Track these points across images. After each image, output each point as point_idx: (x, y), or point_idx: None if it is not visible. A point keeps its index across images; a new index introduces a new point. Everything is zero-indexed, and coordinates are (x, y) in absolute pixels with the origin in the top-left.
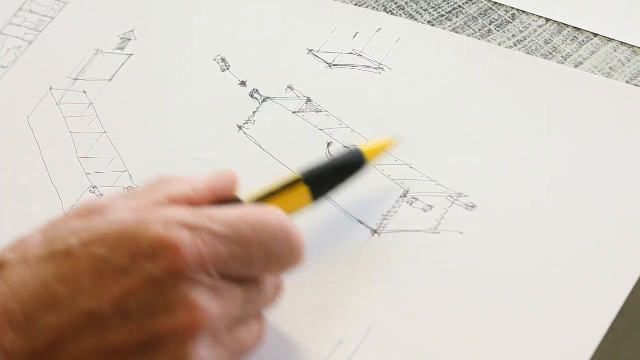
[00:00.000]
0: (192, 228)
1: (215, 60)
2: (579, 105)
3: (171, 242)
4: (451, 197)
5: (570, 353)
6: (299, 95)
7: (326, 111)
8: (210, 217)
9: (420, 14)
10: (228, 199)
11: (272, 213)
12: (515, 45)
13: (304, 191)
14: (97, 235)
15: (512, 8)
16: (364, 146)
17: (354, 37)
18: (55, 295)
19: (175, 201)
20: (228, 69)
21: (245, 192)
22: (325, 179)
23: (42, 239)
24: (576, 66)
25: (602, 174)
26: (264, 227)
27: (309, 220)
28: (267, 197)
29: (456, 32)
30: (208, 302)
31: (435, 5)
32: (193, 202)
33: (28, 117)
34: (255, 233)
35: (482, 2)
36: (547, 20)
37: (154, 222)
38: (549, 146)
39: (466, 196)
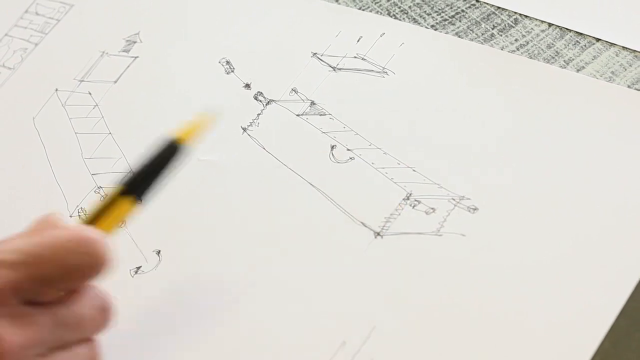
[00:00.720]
0: None
1: (219, 62)
2: (581, 109)
3: None
4: (453, 199)
5: (572, 353)
6: (303, 98)
7: (330, 114)
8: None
9: (424, 18)
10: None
11: (64, 227)
12: (518, 49)
13: (125, 201)
14: None
15: (515, 12)
16: (176, 131)
17: (358, 41)
18: None
19: None
20: (232, 71)
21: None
22: (143, 181)
23: None
24: (578, 70)
25: (604, 177)
26: (54, 241)
27: (313, 223)
28: (93, 220)
29: (459, 36)
30: (7, 330)
31: (439, 9)
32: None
33: (34, 118)
34: (44, 249)
35: (485, 7)
36: (550, 24)
37: None
38: (551, 149)
39: (468, 199)
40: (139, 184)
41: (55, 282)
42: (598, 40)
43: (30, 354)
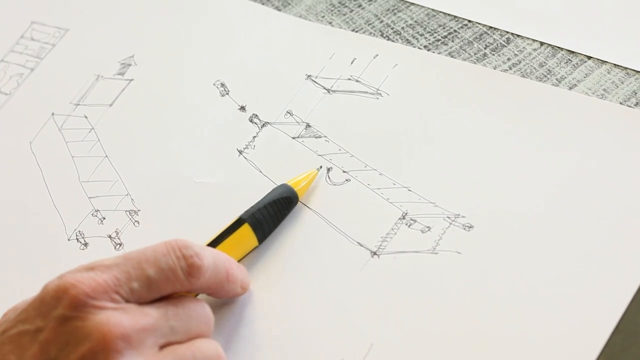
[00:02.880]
0: (87, 269)
1: (214, 85)
2: (573, 126)
3: (68, 283)
4: (449, 217)
5: None
6: (298, 120)
7: (325, 136)
8: (101, 259)
9: (417, 39)
10: None
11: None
12: (510, 68)
13: (247, 231)
14: (13, 320)
15: (507, 32)
16: (294, 182)
17: (352, 62)
18: None
19: None
20: (227, 93)
21: None
22: (265, 220)
23: None
24: (570, 88)
25: (598, 193)
26: (148, 248)
27: (310, 244)
28: (214, 242)
29: (452, 57)
30: (115, 317)
31: (431, 30)
32: None
33: (30, 143)
34: (140, 253)
35: (477, 27)
36: (542, 43)
37: (51, 281)
38: (545, 167)
39: (463, 217)
40: (259, 222)
41: (154, 282)
42: (590, 58)
43: (148, 341)
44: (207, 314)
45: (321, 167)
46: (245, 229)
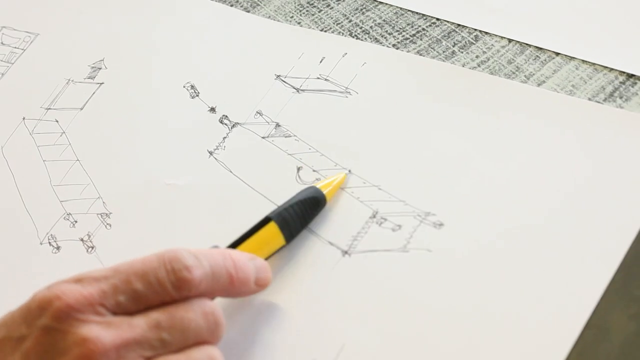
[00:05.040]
0: (75, 280)
1: (184, 87)
2: (542, 122)
3: (54, 294)
4: (419, 216)
5: None
6: (268, 120)
7: (295, 136)
8: (91, 270)
9: (385, 38)
10: None
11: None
12: (479, 65)
13: (274, 229)
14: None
15: (475, 29)
16: (322, 185)
17: (321, 62)
18: None
19: None
20: (197, 95)
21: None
22: (292, 219)
23: None
24: (539, 85)
25: (567, 190)
26: (139, 259)
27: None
28: (240, 241)
29: (420, 55)
30: (99, 332)
31: (400, 28)
32: None
33: (2, 147)
34: (130, 266)
35: (445, 25)
36: (510, 40)
37: (40, 290)
38: (514, 164)
39: (434, 215)
40: (287, 222)
41: (142, 294)
42: (558, 54)
43: (131, 355)
44: (211, 321)
45: (350, 171)
46: (272, 228)
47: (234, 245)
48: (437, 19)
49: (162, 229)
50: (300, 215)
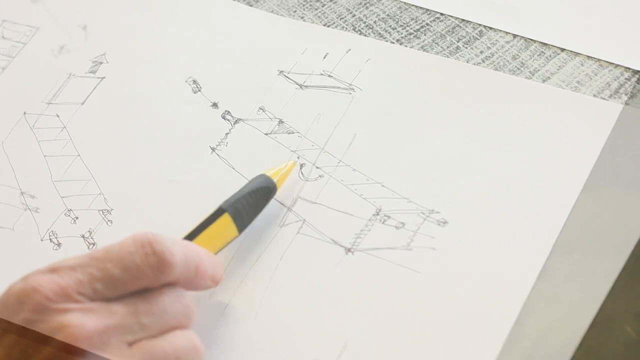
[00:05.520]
0: (51, 270)
1: (186, 82)
2: (547, 119)
3: (31, 287)
4: (423, 213)
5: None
6: (271, 116)
7: (298, 132)
8: (66, 258)
9: (389, 33)
10: None
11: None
12: (483, 61)
13: (227, 220)
14: None
15: (480, 25)
16: (272, 173)
17: (324, 57)
18: None
19: None
20: (199, 90)
21: None
22: (244, 210)
23: None
24: (544, 81)
25: (573, 187)
26: (114, 245)
27: (284, 243)
28: (196, 233)
29: (424, 50)
30: (81, 318)
31: (404, 23)
32: None
33: (2, 142)
34: (106, 252)
35: (449, 20)
36: (514, 36)
37: (15, 283)
38: (519, 160)
39: (438, 212)
40: (239, 211)
41: (120, 281)
42: (563, 50)
43: (113, 340)
44: (185, 305)
45: (298, 157)
46: (226, 219)
47: (190, 237)
48: (441, 14)
49: (164, 226)
50: (252, 205)
